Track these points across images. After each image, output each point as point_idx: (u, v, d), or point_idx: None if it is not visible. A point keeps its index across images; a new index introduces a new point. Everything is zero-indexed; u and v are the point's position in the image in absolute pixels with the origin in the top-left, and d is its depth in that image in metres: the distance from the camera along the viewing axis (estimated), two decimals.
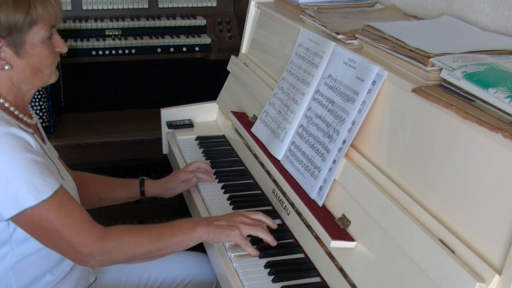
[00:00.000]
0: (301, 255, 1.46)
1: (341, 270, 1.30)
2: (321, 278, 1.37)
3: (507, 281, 0.94)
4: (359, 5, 2.04)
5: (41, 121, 2.59)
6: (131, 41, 3.05)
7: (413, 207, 1.17)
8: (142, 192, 1.82)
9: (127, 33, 3.11)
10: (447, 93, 1.19)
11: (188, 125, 2.25)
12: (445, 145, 1.15)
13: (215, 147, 2.08)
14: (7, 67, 1.34)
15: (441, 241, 1.07)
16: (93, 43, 3.01)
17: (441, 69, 1.22)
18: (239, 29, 3.21)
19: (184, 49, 3.13)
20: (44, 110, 2.63)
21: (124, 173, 2.87)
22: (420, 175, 1.20)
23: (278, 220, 1.59)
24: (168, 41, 3.08)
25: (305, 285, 1.36)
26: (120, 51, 3.06)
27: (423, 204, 1.16)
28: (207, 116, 2.32)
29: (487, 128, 1.03)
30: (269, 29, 2.10)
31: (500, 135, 1.00)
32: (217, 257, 1.47)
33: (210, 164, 1.90)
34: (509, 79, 1.10)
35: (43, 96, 2.62)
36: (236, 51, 2.34)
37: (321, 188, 1.43)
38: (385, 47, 1.43)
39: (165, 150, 2.26)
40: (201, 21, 3.18)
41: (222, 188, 1.79)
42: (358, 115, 1.39)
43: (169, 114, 2.27)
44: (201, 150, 2.07)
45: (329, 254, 1.35)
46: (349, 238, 1.30)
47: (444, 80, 1.21)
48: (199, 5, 3.28)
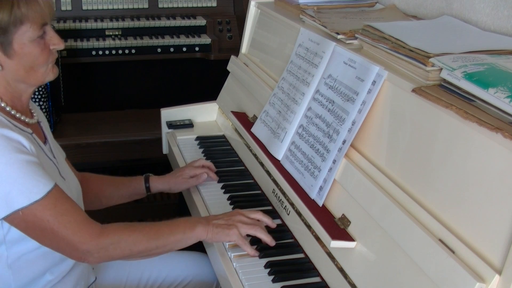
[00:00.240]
0: (301, 255, 1.46)
1: (341, 270, 1.30)
2: (321, 278, 1.37)
3: (507, 281, 0.94)
4: (359, 5, 2.04)
5: None
6: (131, 41, 3.05)
7: (413, 207, 1.17)
8: (148, 189, 1.82)
9: (127, 33, 3.11)
10: (447, 93, 1.19)
11: (188, 125, 2.25)
12: (445, 145, 1.15)
13: (215, 147, 2.08)
14: None
15: (441, 241, 1.07)
16: (93, 43, 3.01)
17: (441, 69, 1.22)
18: (239, 29, 3.21)
19: (184, 49, 3.13)
20: (44, 110, 2.62)
21: (124, 173, 2.83)
22: (420, 175, 1.20)
23: (278, 220, 1.59)
24: (168, 41, 3.08)
25: (305, 285, 1.36)
26: (120, 51, 3.06)
27: (423, 204, 1.16)
28: (207, 116, 2.32)
29: (487, 128, 1.03)
30: (269, 29, 2.10)
31: (500, 135, 1.00)
32: (217, 257, 1.47)
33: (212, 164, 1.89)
34: (509, 79, 1.10)
35: (43, 96, 2.62)
36: (236, 51, 2.34)
37: (321, 188, 1.43)
38: (385, 47, 1.43)
39: (165, 150, 2.26)
40: (201, 21, 3.18)
41: (222, 188, 1.79)
42: (358, 115, 1.39)
43: (169, 114, 2.27)
44: (201, 150, 2.07)
45: (329, 254, 1.34)
46: (349, 238, 1.30)
47: (444, 80, 1.21)
48: (199, 5, 3.28)
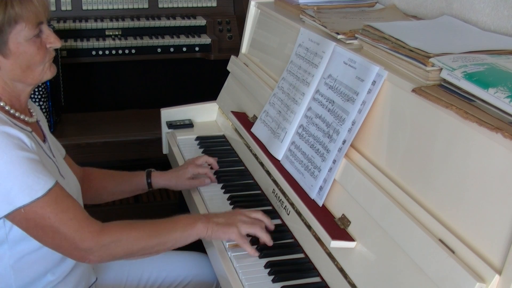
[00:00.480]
0: (301, 255, 1.45)
1: (341, 270, 1.30)
2: (321, 278, 1.37)
3: (507, 281, 0.94)
4: (359, 5, 2.04)
5: None
6: (131, 41, 3.06)
7: (413, 207, 1.17)
8: (149, 184, 1.82)
9: (127, 33, 3.11)
10: (447, 93, 1.19)
11: (188, 125, 2.25)
12: (445, 145, 1.15)
13: (215, 147, 2.08)
14: None
15: (441, 241, 1.07)
16: (93, 43, 3.01)
17: (441, 69, 1.22)
18: (239, 29, 3.21)
19: (184, 49, 3.13)
20: (44, 110, 2.62)
21: None
22: (420, 175, 1.20)
23: (278, 220, 1.59)
24: (168, 41, 3.08)
25: (305, 285, 1.35)
26: (120, 51, 3.06)
27: (423, 204, 1.16)
28: (207, 116, 2.32)
29: (487, 128, 1.03)
30: (269, 29, 2.10)
31: (500, 135, 1.00)
32: (217, 257, 1.47)
33: (216, 160, 1.89)
34: (509, 79, 1.10)
35: (43, 96, 2.62)
36: (236, 51, 2.34)
37: (321, 188, 1.43)
38: (385, 47, 1.43)
39: (165, 150, 2.26)
40: (201, 21, 3.18)
41: (222, 188, 1.79)
42: (358, 115, 1.39)
43: (169, 114, 2.27)
44: (201, 150, 2.07)
45: (329, 254, 1.34)
46: (349, 238, 1.30)
47: (444, 80, 1.21)
48: (199, 5, 3.28)
